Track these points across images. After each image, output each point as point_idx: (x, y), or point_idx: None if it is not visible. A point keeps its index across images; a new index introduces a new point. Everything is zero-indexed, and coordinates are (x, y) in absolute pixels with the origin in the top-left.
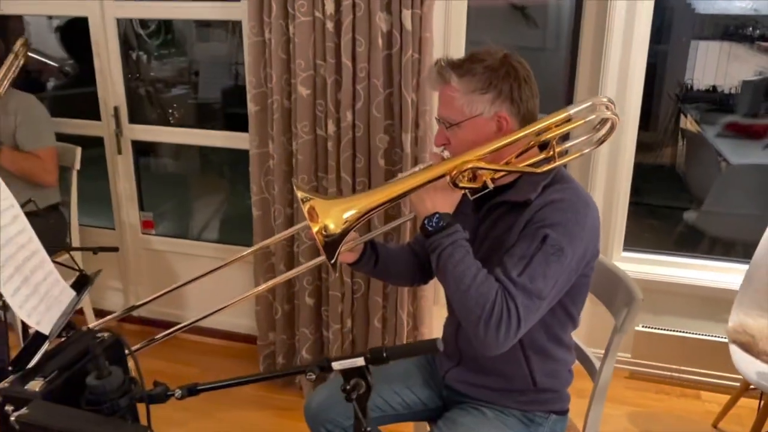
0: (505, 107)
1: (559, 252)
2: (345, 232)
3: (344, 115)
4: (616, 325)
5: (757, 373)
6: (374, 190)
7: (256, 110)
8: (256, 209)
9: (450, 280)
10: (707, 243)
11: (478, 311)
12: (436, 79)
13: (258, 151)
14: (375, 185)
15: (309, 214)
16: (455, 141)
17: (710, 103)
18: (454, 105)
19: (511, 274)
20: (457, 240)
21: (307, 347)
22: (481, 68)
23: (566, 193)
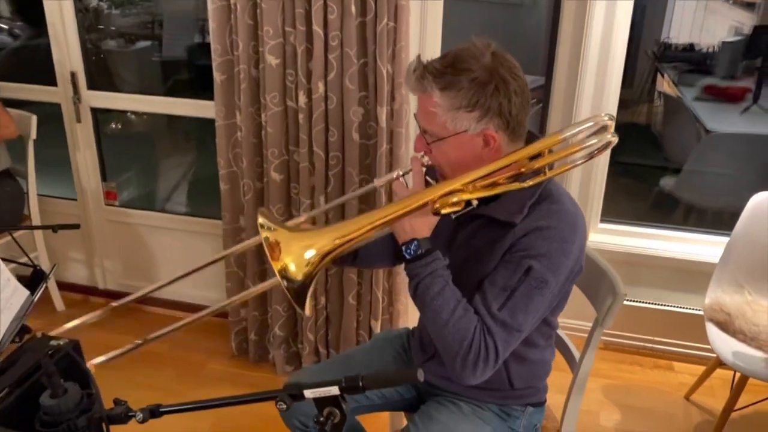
0: (492, 123)
1: (542, 285)
2: (309, 277)
3: (316, 86)
4: (597, 318)
5: (733, 353)
6: (347, 221)
7: (222, 79)
8: (223, 183)
9: (427, 312)
10: (683, 210)
11: (456, 347)
12: (414, 86)
13: (225, 122)
14: (349, 159)
15: (272, 249)
16: (437, 153)
17: (688, 62)
18: (436, 120)
19: (492, 307)
20: (435, 270)
21: (280, 324)
22: (467, 82)
23: (554, 219)
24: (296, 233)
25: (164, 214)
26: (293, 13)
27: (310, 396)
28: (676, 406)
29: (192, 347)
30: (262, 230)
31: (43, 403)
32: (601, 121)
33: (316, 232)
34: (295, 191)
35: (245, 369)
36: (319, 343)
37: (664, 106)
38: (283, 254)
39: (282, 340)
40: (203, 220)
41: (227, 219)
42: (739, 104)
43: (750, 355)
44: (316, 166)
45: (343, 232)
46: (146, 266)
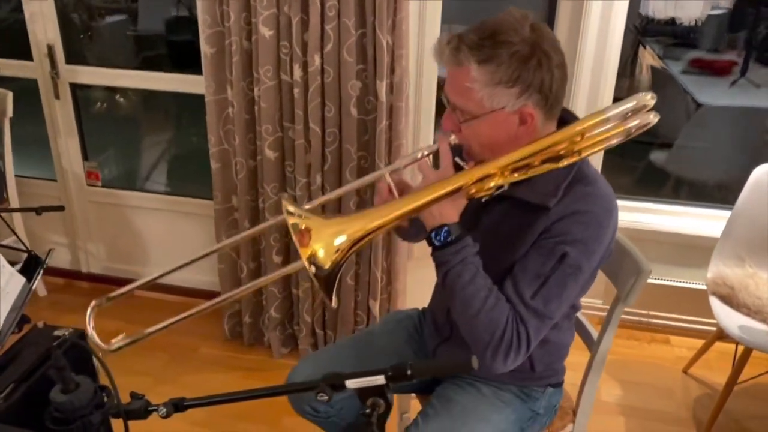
0: (532, 100)
1: (577, 272)
2: (337, 265)
3: (312, 58)
4: (618, 295)
5: (739, 326)
6: (375, 208)
7: (211, 52)
8: (214, 161)
9: (457, 301)
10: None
11: (487, 338)
12: (448, 60)
13: (215, 97)
14: (347, 136)
15: (301, 235)
16: (469, 133)
17: (672, 36)
18: (472, 96)
19: (525, 295)
20: (466, 257)
21: (276, 306)
22: (507, 56)
23: (590, 202)
24: (327, 220)
25: (150, 194)
26: None
27: (353, 386)
28: (675, 380)
29: (183, 331)
30: (291, 217)
31: (54, 399)
32: (643, 101)
33: (346, 218)
34: (290, 169)
35: (239, 352)
36: (316, 324)
37: (652, 80)
38: (313, 240)
39: (277, 323)
40: (192, 200)
41: (219, 199)
42: (726, 77)
43: (756, 328)
44: (312, 143)
45: (373, 219)
46: (132, 249)
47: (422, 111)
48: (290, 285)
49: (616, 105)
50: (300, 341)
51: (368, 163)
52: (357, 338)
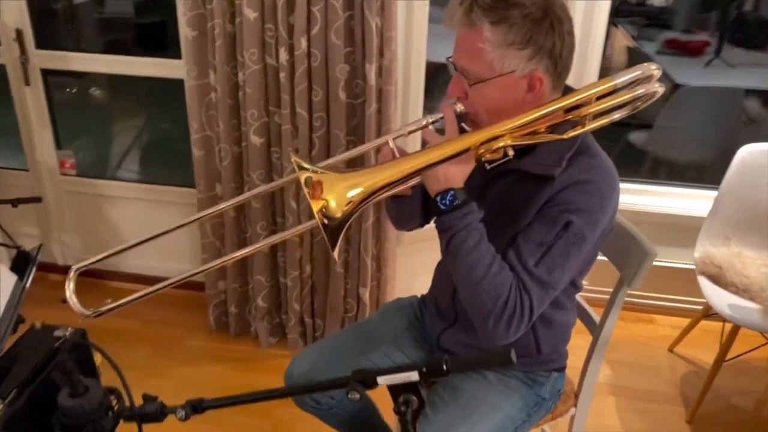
0: (542, 65)
1: (580, 240)
2: (347, 217)
3: (298, 41)
4: (623, 278)
5: (728, 305)
6: (385, 164)
7: (193, 35)
8: (197, 149)
9: (461, 267)
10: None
11: (490, 305)
12: (460, 21)
13: (197, 82)
14: (335, 121)
15: (313, 188)
16: (476, 97)
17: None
18: (483, 58)
19: (528, 263)
20: (471, 223)
21: (263, 295)
22: (520, 17)
23: (593, 173)
24: (340, 174)
25: (127, 183)
26: None
27: (385, 383)
28: (662, 359)
29: (167, 322)
30: (304, 172)
31: (62, 404)
32: (648, 71)
33: (358, 172)
34: (277, 155)
35: (226, 343)
36: (305, 313)
37: (629, 61)
38: (325, 192)
39: (265, 312)
40: (171, 188)
41: (202, 187)
42: (699, 58)
43: (745, 306)
44: (299, 128)
45: (386, 173)
46: (109, 240)
47: (411, 95)
48: (278, 274)
49: (624, 72)
50: (288, 330)
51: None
52: (356, 327)
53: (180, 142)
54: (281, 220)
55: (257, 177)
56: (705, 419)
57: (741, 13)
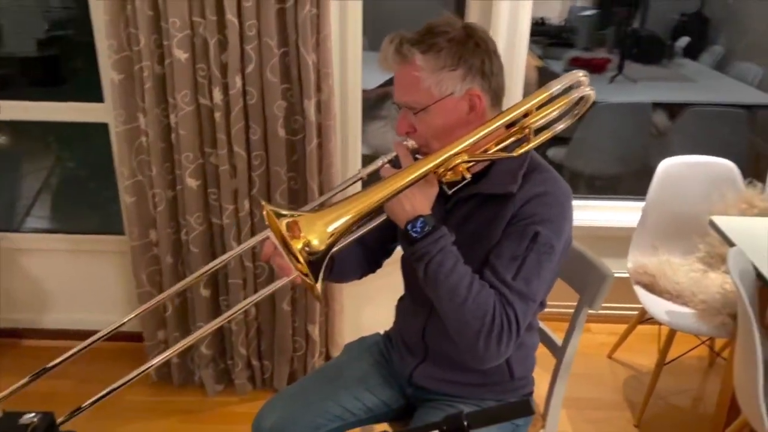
0: (476, 83)
1: (550, 250)
2: (330, 248)
3: (233, 80)
4: (582, 299)
5: (666, 312)
6: (353, 196)
7: (119, 79)
8: (128, 195)
9: (442, 291)
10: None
11: (477, 325)
12: (393, 59)
13: (125, 127)
14: (274, 158)
15: (291, 229)
16: (423, 127)
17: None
18: (420, 87)
19: (505, 277)
20: (445, 246)
21: (207, 342)
22: (446, 42)
23: (549, 184)
24: (314, 213)
25: (42, 234)
26: (201, 1)
27: None
28: (603, 367)
29: (102, 380)
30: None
31: None
32: (576, 77)
33: (332, 208)
34: (215, 197)
35: (170, 395)
36: (252, 356)
37: (539, 79)
38: (304, 232)
39: (209, 359)
40: (95, 236)
41: (135, 234)
42: (603, 74)
43: (680, 312)
44: (237, 168)
45: (361, 204)
46: (27, 296)
47: (350, 128)
48: None
49: (556, 81)
50: (235, 376)
51: (299, 184)
52: (322, 372)
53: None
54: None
55: (195, 220)
56: (651, 421)
57: (635, 29)
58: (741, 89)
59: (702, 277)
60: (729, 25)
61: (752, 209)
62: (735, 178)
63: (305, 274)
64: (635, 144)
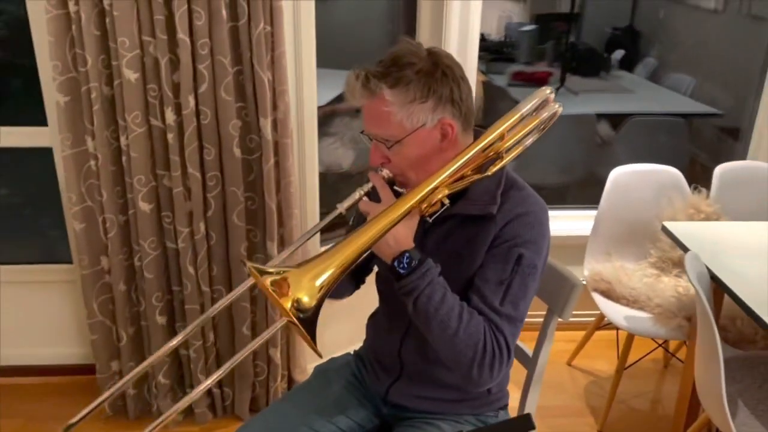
0: (447, 112)
1: (533, 271)
2: (321, 302)
3: (186, 100)
4: (551, 308)
5: (625, 317)
6: (339, 245)
7: (65, 101)
8: (77, 221)
9: (433, 324)
10: None
11: (471, 354)
12: (361, 93)
13: (72, 151)
14: (230, 178)
15: (279, 287)
16: (398, 158)
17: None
18: (392, 121)
19: (494, 303)
20: (432, 279)
21: (164, 371)
22: (413, 74)
23: (529, 203)
24: (300, 267)
25: None
26: (151, 20)
27: None
28: (562, 374)
29: (54, 416)
30: (267, 276)
31: None
32: (544, 95)
33: (317, 260)
34: (168, 220)
35: (126, 429)
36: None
37: (485, 94)
38: (293, 290)
39: (168, 389)
40: (42, 266)
41: (85, 262)
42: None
43: (638, 317)
44: (192, 190)
45: (346, 253)
46: None
47: (306, 145)
48: (179, 347)
49: (525, 102)
50: (195, 405)
51: (256, 204)
52: (294, 396)
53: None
54: (177, 288)
55: (148, 245)
56: (614, 426)
57: (573, 43)
58: (676, 99)
59: (656, 282)
60: (660, 39)
61: (699, 214)
62: (681, 185)
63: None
64: (580, 154)
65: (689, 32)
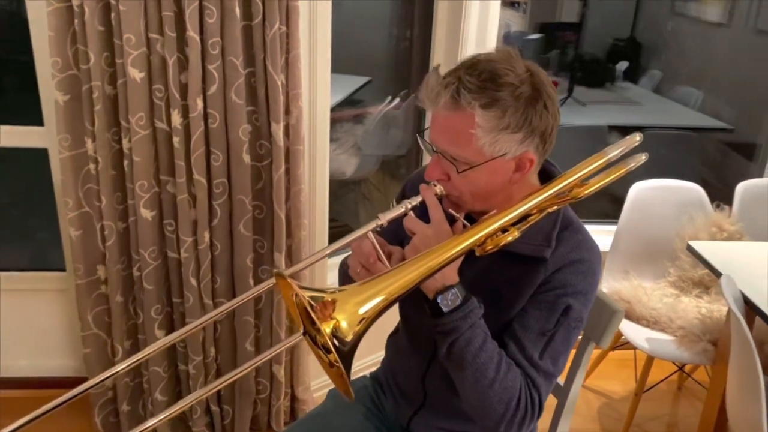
0: (533, 146)
1: (579, 324)
2: (358, 338)
3: (193, 102)
4: (588, 336)
5: (647, 339)
6: (390, 272)
7: (65, 100)
8: (73, 228)
9: (468, 372)
10: None
11: (502, 409)
12: (446, 104)
13: (71, 153)
14: (238, 186)
15: (323, 307)
16: (461, 182)
17: None
18: (472, 144)
19: (533, 356)
20: (475, 322)
21: (162, 388)
22: (513, 98)
23: (584, 250)
24: (346, 291)
25: None
26: (159, 16)
27: None
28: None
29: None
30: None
31: None
32: (633, 141)
33: (366, 285)
34: (171, 228)
35: None
36: (211, 401)
37: None
38: (337, 311)
39: (164, 406)
40: (33, 274)
41: (81, 271)
42: None
43: (660, 339)
44: (197, 197)
45: (397, 282)
46: None
47: (317, 153)
48: (177, 361)
49: (614, 146)
50: (193, 423)
51: (264, 213)
52: (309, 422)
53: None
54: (178, 300)
55: (149, 255)
56: None
57: (579, 54)
58: (685, 112)
59: (676, 302)
60: (662, 51)
61: (722, 233)
62: (703, 202)
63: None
64: None
65: (694, 45)
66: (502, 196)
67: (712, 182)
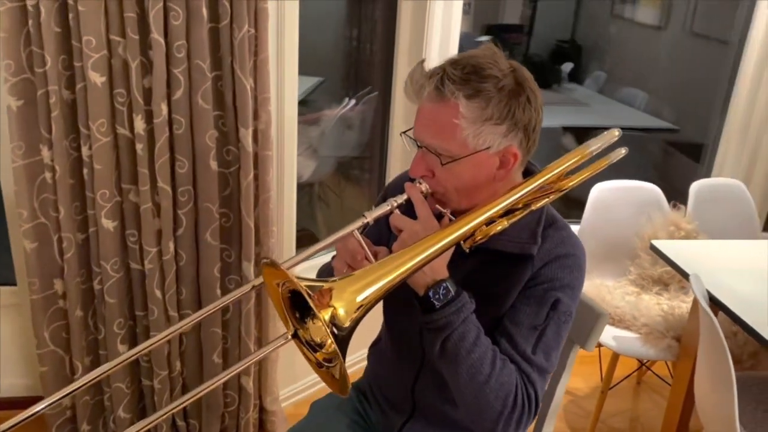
0: (517, 140)
1: (568, 318)
2: (356, 323)
3: (158, 107)
4: (571, 339)
5: (613, 338)
6: (383, 261)
7: (18, 105)
8: (28, 241)
9: (463, 369)
10: None
11: (499, 406)
12: (430, 95)
13: (25, 161)
14: (204, 193)
15: (321, 295)
16: (446, 176)
17: None
18: (456, 136)
19: (526, 351)
20: (468, 316)
21: (125, 405)
22: (496, 90)
23: (569, 245)
24: (344, 279)
25: None
26: (121, 18)
27: None
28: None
29: None
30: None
31: None
32: (613, 136)
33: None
34: (134, 239)
35: None
36: (177, 415)
37: None
38: (334, 300)
39: (128, 424)
40: None
41: (37, 286)
42: None
43: (625, 336)
44: (162, 206)
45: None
46: None
47: (285, 159)
48: (140, 376)
49: (594, 141)
50: None
51: (231, 221)
52: None
53: None
54: (142, 314)
55: (111, 267)
56: None
57: (528, 56)
58: (632, 113)
59: (638, 300)
60: (602, 53)
61: (679, 231)
62: (660, 202)
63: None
64: None
65: (633, 47)
66: (487, 193)
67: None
